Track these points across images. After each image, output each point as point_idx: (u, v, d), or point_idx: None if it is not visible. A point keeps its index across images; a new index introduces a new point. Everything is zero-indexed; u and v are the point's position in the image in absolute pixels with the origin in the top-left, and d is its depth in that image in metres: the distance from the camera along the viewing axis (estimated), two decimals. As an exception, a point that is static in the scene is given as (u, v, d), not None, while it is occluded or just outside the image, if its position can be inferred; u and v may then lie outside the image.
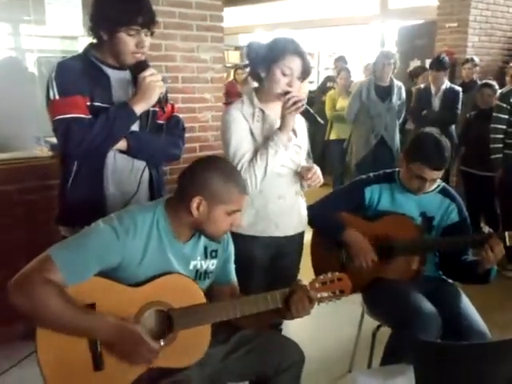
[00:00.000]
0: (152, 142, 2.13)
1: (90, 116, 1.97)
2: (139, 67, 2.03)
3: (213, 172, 1.75)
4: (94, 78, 2.03)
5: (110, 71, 2.07)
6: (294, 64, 2.18)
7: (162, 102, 2.07)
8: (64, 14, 3.51)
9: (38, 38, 3.99)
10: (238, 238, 2.28)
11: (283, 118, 2.20)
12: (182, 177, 1.80)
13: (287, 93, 2.19)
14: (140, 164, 2.13)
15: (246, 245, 2.30)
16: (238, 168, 2.18)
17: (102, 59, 2.07)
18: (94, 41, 2.08)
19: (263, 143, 2.23)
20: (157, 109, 2.13)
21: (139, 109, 2.01)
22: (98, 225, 1.69)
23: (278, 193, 2.31)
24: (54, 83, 1.97)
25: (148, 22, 2.00)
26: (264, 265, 2.38)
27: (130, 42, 1.99)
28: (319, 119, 2.29)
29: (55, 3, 3.46)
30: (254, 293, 1.87)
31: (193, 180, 1.75)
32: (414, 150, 2.35)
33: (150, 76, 2.00)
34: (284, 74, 2.19)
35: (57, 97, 1.96)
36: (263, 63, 2.23)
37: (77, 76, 1.99)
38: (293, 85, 2.20)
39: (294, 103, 2.16)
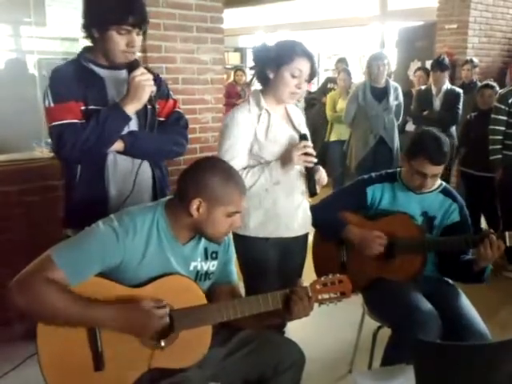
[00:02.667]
0: (149, 141, 2.13)
1: (83, 120, 1.98)
2: (130, 67, 2.03)
3: (213, 174, 1.75)
4: (88, 81, 2.03)
5: (103, 72, 2.08)
6: (304, 66, 2.21)
7: (153, 101, 2.07)
8: (64, 15, 3.52)
9: (39, 39, 4.00)
10: (248, 241, 2.29)
11: (290, 157, 2.20)
12: (182, 178, 1.80)
13: (303, 136, 2.23)
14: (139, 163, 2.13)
15: (258, 247, 2.32)
16: None
17: (95, 61, 2.08)
18: (88, 44, 2.09)
19: (260, 166, 2.24)
20: (157, 106, 2.13)
21: (130, 109, 2.01)
22: (98, 225, 1.69)
23: (286, 192, 2.32)
24: (49, 91, 1.99)
25: (139, 21, 1.99)
26: (275, 266, 2.39)
27: (120, 41, 1.99)
28: (317, 188, 2.31)
29: (55, 5, 3.47)
30: None
31: (192, 182, 1.75)
32: (414, 147, 2.39)
33: (140, 75, 2.00)
34: (293, 76, 2.20)
35: (52, 104, 1.98)
36: (272, 65, 2.24)
37: (70, 81, 2.00)
38: (301, 87, 2.23)
39: (306, 154, 2.19)
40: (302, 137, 2.25)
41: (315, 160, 2.24)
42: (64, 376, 1.65)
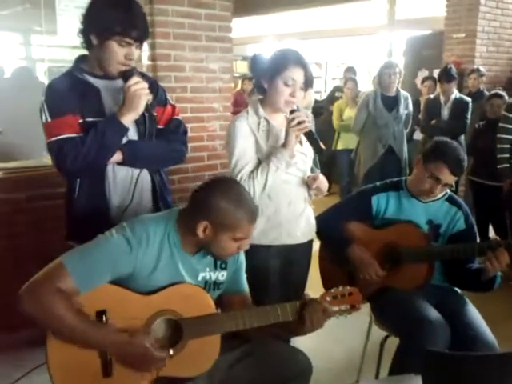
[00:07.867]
0: (148, 150, 2.12)
1: (81, 134, 1.96)
2: (124, 76, 2.02)
3: (223, 199, 1.72)
4: (83, 93, 2.01)
5: (99, 82, 2.06)
6: (297, 75, 2.20)
7: (150, 109, 2.07)
8: (74, 24, 3.55)
9: (49, 48, 4.03)
10: (250, 249, 2.28)
11: (287, 135, 2.21)
12: (194, 196, 1.79)
13: (293, 111, 2.22)
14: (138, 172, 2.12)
15: (260, 255, 2.31)
16: (238, 178, 2.19)
17: (89, 71, 2.06)
18: (82, 53, 2.10)
19: (266, 158, 2.23)
20: (155, 113, 2.12)
21: (127, 119, 1.98)
22: (112, 234, 1.70)
23: (288, 199, 2.32)
24: (45, 106, 1.98)
25: (141, 36, 2.00)
26: (277, 274, 2.38)
27: (119, 52, 1.97)
28: (321, 145, 2.29)
29: (66, 14, 3.50)
30: (271, 304, 1.85)
31: (202, 203, 1.74)
32: (436, 151, 2.37)
33: (135, 85, 1.98)
34: (287, 85, 2.20)
35: (48, 119, 1.97)
36: (266, 75, 2.25)
37: (65, 95, 1.98)
38: (295, 95, 2.22)
39: (299, 123, 2.18)
40: (291, 112, 2.23)
41: (309, 124, 2.22)
42: (73, 381, 1.66)
